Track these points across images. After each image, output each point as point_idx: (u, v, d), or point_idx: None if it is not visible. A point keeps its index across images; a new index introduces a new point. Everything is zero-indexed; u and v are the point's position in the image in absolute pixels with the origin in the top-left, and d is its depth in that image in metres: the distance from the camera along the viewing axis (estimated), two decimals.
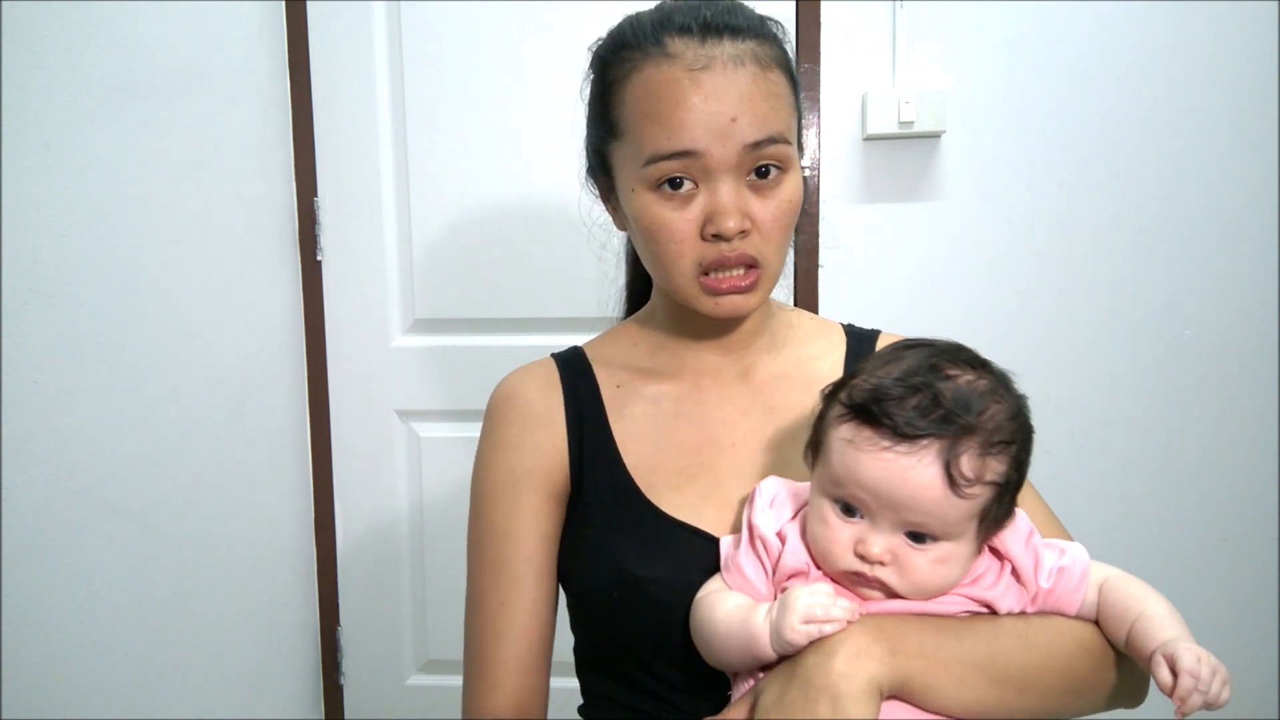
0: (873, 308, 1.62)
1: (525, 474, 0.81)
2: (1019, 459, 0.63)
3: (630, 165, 0.74)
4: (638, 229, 0.76)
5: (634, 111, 0.73)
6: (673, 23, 0.72)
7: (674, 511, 0.76)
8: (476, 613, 0.83)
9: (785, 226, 0.74)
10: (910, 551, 0.62)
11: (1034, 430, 0.65)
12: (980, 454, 0.60)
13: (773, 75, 0.72)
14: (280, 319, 1.67)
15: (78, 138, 1.14)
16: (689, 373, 0.83)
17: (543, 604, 0.81)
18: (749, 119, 0.70)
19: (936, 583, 0.63)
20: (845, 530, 0.63)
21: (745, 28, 0.73)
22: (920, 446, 0.60)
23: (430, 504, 1.77)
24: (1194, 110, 1.59)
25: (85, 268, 1.15)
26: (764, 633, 0.62)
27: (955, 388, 0.62)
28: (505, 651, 0.80)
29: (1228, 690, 0.58)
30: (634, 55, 0.73)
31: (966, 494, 0.60)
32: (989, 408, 0.62)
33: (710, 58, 0.70)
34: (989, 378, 0.64)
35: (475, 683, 0.82)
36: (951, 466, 0.59)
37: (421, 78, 1.67)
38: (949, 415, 0.60)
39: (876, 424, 0.61)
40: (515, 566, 0.80)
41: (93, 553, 1.15)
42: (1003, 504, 0.63)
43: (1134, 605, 0.65)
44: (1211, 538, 1.66)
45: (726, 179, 0.71)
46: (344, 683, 1.82)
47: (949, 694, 0.61)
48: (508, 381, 0.86)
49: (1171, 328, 1.63)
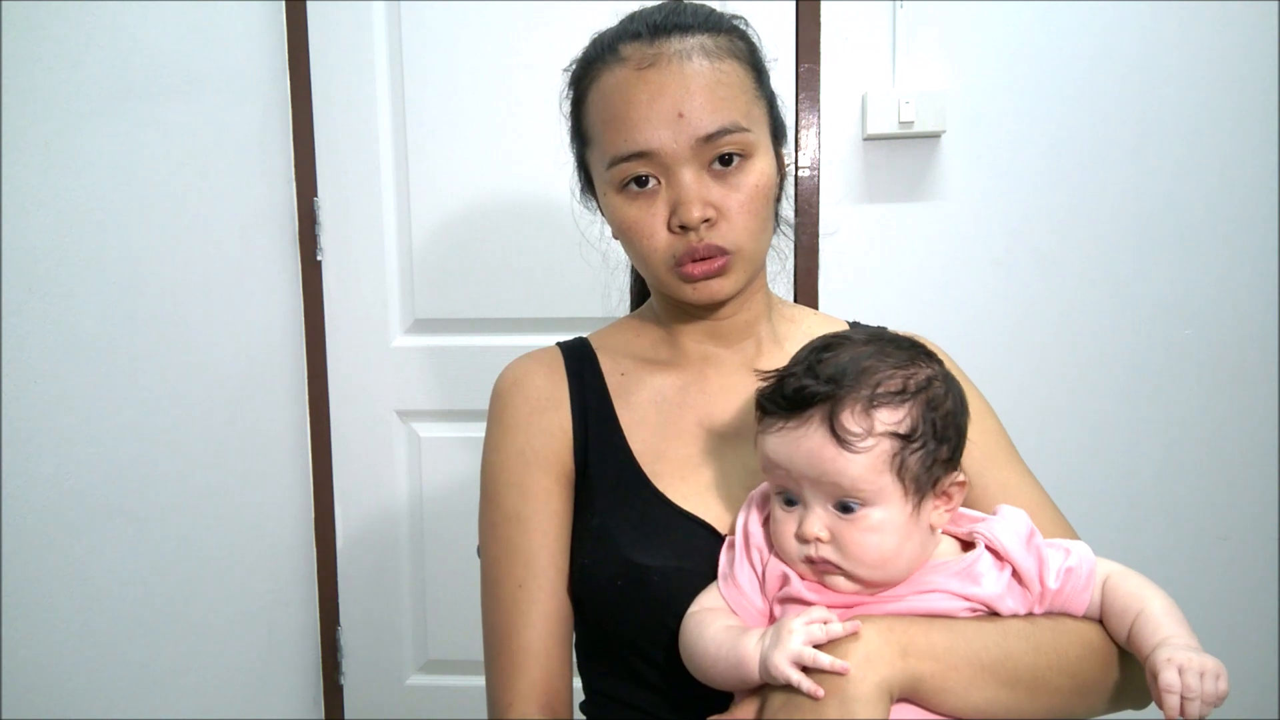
0: (873, 307, 1.62)
1: (535, 456, 0.81)
2: (925, 410, 0.63)
3: (600, 170, 0.78)
4: (615, 230, 0.79)
5: (596, 119, 0.77)
6: (627, 31, 0.76)
7: (679, 500, 0.77)
8: (494, 600, 0.80)
9: (753, 212, 0.75)
10: (843, 524, 0.63)
11: (949, 384, 0.66)
12: (864, 410, 0.62)
13: (724, 65, 0.74)
14: (280, 319, 1.67)
15: (78, 138, 1.14)
16: (693, 362, 0.84)
17: (560, 585, 0.79)
18: (697, 112, 0.72)
19: (876, 554, 0.63)
20: (789, 520, 0.65)
21: (694, 24, 0.75)
22: (806, 416, 0.63)
23: (430, 504, 1.77)
24: (1194, 110, 1.59)
25: (85, 268, 1.15)
26: (753, 658, 0.62)
27: (835, 358, 0.65)
28: (527, 634, 0.77)
29: (1223, 682, 0.58)
30: (595, 66, 0.77)
31: (858, 448, 0.61)
32: (870, 367, 0.64)
33: (656, 55, 0.73)
34: (877, 344, 0.66)
35: (498, 671, 0.78)
36: (835, 425, 0.62)
37: (421, 78, 1.67)
38: (828, 380, 0.63)
39: (771, 410, 0.65)
40: (530, 549, 0.79)
41: (92, 553, 1.15)
42: (921, 456, 0.63)
43: (1133, 603, 0.65)
44: (1211, 537, 1.66)
45: (686, 171, 0.73)
46: (344, 683, 1.82)
47: (959, 696, 0.61)
48: (513, 367, 0.86)
49: (1171, 328, 1.63)
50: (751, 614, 0.68)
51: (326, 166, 1.70)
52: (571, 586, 0.80)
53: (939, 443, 0.64)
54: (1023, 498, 0.77)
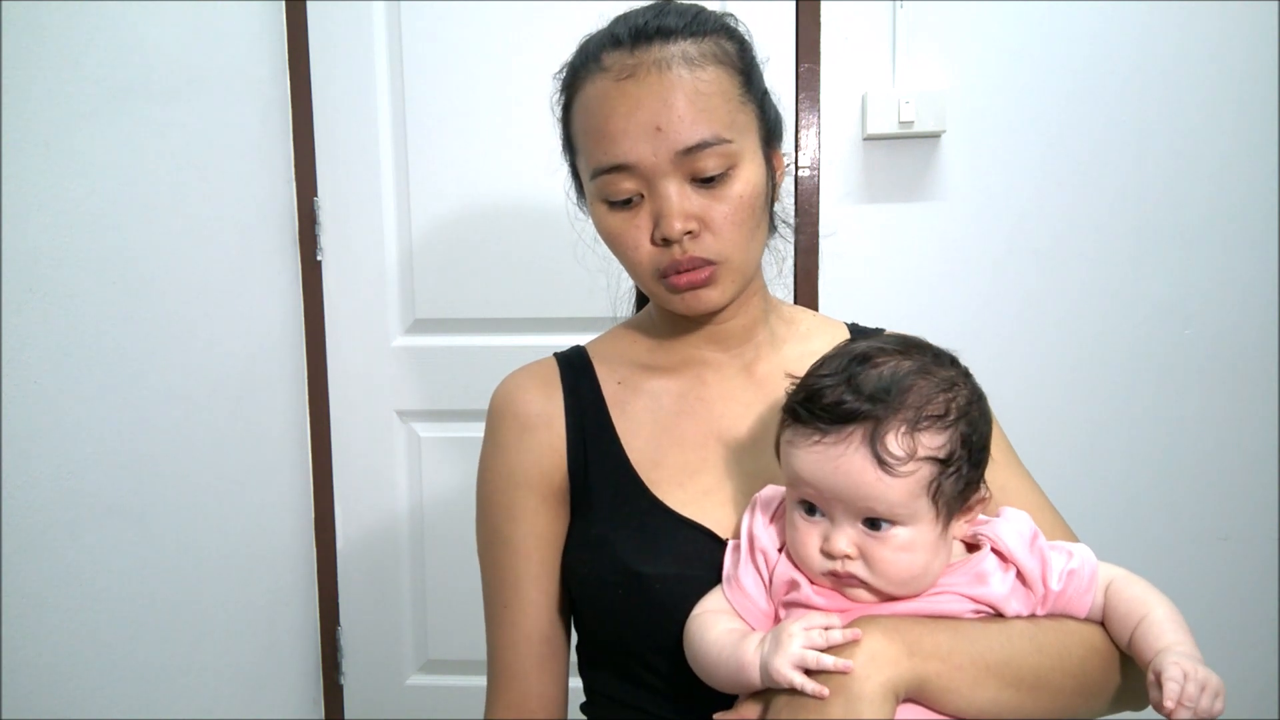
0: (873, 308, 1.62)
1: (523, 477, 0.81)
2: (965, 433, 0.63)
3: (585, 178, 0.77)
4: (603, 239, 0.79)
5: (580, 128, 0.76)
6: (611, 37, 0.74)
7: (678, 507, 0.76)
8: (487, 615, 0.85)
9: (738, 222, 0.74)
10: (872, 541, 0.62)
11: (982, 402, 0.66)
12: (908, 431, 0.61)
13: (705, 74, 0.72)
14: (280, 319, 1.67)
15: (78, 138, 1.14)
16: (690, 367, 0.84)
17: (544, 605, 0.81)
18: (676, 125, 0.70)
19: (905, 572, 0.63)
20: (812, 531, 0.64)
21: (677, 28, 0.73)
22: (846, 434, 0.61)
23: (430, 504, 1.77)
24: (1194, 110, 1.59)
25: (85, 268, 1.15)
26: (754, 664, 0.62)
27: (878, 373, 0.63)
28: (508, 655, 0.82)
29: (1220, 702, 0.58)
30: (580, 74, 0.76)
31: (899, 472, 0.60)
32: (914, 385, 0.62)
33: (635, 65, 0.71)
34: (918, 358, 0.64)
35: (489, 685, 0.84)
36: (878, 447, 0.60)
37: (421, 78, 1.67)
38: (870, 398, 0.61)
39: (805, 420, 0.63)
40: (515, 571, 0.81)
41: (92, 552, 1.15)
42: (955, 480, 0.62)
43: (1137, 609, 0.65)
44: (1211, 537, 1.66)
45: (668, 183, 0.72)
46: (344, 683, 1.82)
47: (964, 696, 0.61)
48: (506, 384, 0.86)
49: (1171, 328, 1.64)
50: (756, 616, 0.68)
51: (326, 166, 1.70)
52: (573, 595, 0.81)
53: (973, 467, 0.64)
54: (1021, 500, 0.77)
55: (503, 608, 0.82)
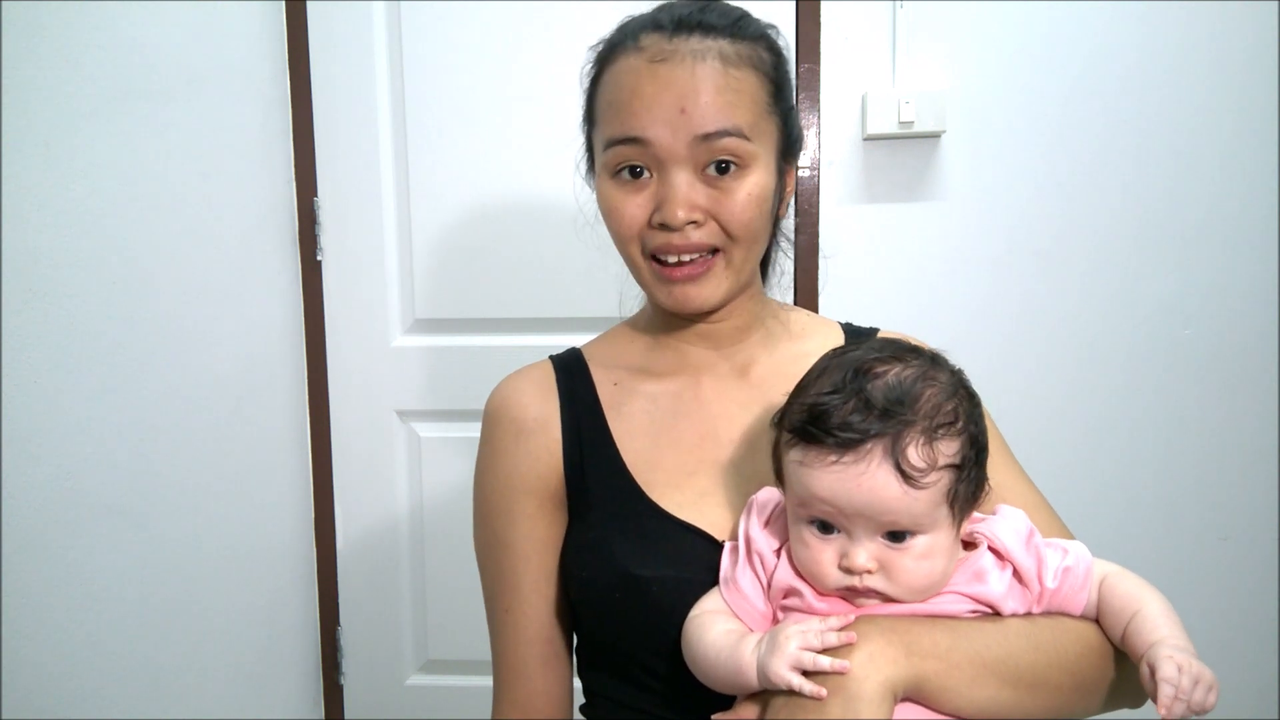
0: (872, 308, 1.62)
1: (520, 482, 0.81)
2: (973, 434, 0.63)
3: (598, 151, 0.78)
4: (600, 211, 0.79)
5: (605, 100, 0.77)
6: (652, 21, 0.75)
7: (674, 510, 0.76)
8: (489, 618, 0.85)
9: (746, 223, 0.74)
10: (893, 553, 0.62)
11: (978, 399, 0.66)
12: (926, 441, 0.60)
13: (737, 72, 0.73)
14: (280, 319, 1.67)
15: (78, 138, 1.14)
16: (686, 369, 0.84)
17: (543, 608, 0.82)
18: (701, 110, 0.71)
19: (926, 580, 0.63)
20: (827, 548, 0.63)
21: (719, 26, 0.74)
22: (865, 451, 0.60)
23: (430, 504, 1.77)
24: (1194, 110, 1.59)
25: (85, 268, 1.15)
26: (752, 665, 0.62)
27: (884, 385, 0.62)
28: (514, 655, 0.82)
29: (1214, 695, 0.58)
30: (615, 50, 0.76)
31: (924, 484, 0.60)
32: (923, 394, 0.62)
33: (672, 51, 0.72)
34: (916, 364, 0.64)
35: (496, 686, 0.85)
36: (901, 461, 0.60)
37: (421, 78, 1.67)
38: (884, 413, 0.60)
39: (819, 441, 0.61)
40: (515, 575, 0.82)
41: (92, 553, 1.15)
42: (968, 482, 0.63)
43: (1130, 604, 0.65)
44: (1211, 537, 1.66)
45: (680, 170, 0.73)
46: (344, 683, 1.82)
47: (962, 695, 0.61)
48: (501, 388, 0.86)
49: (1171, 328, 1.64)
50: (754, 617, 0.68)
51: (326, 166, 1.70)
52: (572, 597, 0.81)
53: (979, 467, 0.64)
54: (1017, 498, 0.77)
55: (504, 611, 0.82)
